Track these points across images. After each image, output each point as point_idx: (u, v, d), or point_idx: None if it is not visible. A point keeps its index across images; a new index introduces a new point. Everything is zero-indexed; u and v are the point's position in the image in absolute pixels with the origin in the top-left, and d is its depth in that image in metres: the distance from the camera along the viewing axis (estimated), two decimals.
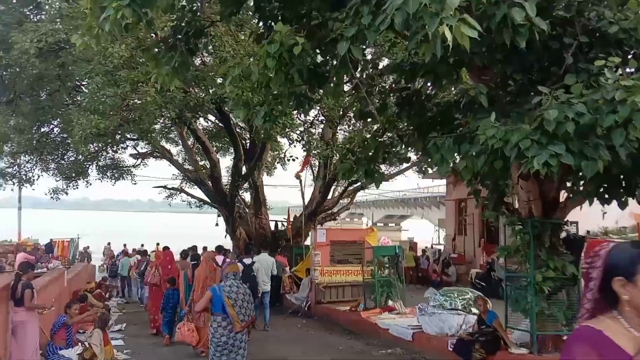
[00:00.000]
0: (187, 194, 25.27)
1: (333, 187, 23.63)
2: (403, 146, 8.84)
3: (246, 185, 25.51)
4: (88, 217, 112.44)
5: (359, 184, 24.44)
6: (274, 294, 17.11)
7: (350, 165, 8.90)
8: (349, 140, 11.10)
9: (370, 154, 8.60)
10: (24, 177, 17.02)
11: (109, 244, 25.70)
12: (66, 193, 20.35)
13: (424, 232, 48.21)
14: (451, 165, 6.35)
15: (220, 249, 13.67)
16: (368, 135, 10.35)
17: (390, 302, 12.03)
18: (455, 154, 6.30)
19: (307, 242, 21.47)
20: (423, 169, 25.12)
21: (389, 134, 8.86)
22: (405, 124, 8.50)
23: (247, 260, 12.18)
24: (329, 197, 23.49)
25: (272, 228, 23.68)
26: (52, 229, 36.01)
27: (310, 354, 9.79)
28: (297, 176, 28.69)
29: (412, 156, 14.82)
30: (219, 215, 26.94)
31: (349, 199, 26.24)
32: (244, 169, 20.48)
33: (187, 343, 9.30)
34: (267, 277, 12.91)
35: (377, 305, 12.04)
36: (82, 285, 14.41)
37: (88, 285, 14.20)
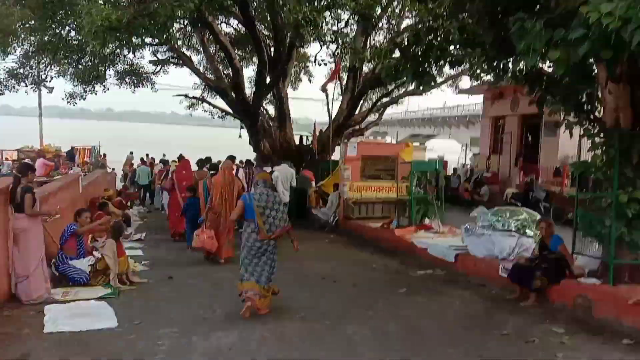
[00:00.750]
0: (209, 104, 24.16)
1: (361, 102, 22.26)
2: (460, 44, 7.42)
3: (270, 97, 24.37)
4: (113, 127, 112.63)
5: (388, 98, 23.12)
6: (300, 208, 16.36)
7: (395, 65, 7.61)
8: (396, 35, 9.62)
9: (421, 51, 7.27)
10: (36, 78, 15.92)
11: (131, 153, 25.05)
12: (83, 98, 19.30)
13: (451, 152, 46.77)
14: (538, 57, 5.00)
15: (232, 158, 12.94)
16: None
17: (426, 221, 11.06)
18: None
19: (333, 157, 20.55)
20: (469, 78, 23.50)
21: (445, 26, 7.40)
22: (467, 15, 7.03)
23: (266, 169, 11.96)
24: (357, 111, 22.14)
25: (297, 143, 22.69)
26: (79, 138, 35.38)
27: (342, 271, 8.95)
28: (324, 89, 27.23)
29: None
30: (242, 127, 25.94)
31: (378, 115, 24.95)
32: (267, 79, 19.13)
33: (207, 249, 9.21)
34: (286, 187, 12.51)
35: (413, 223, 11.08)
36: (100, 193, 13.68)
37: (106, 192, 13.46)
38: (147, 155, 23.38)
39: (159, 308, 6.74)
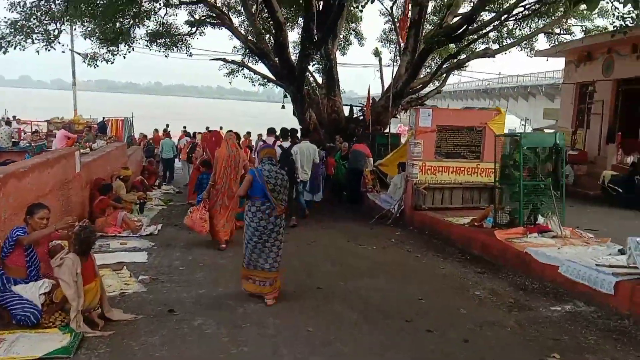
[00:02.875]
0: (250, 69, 21.16)
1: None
2: None
3: (315, 65, 21.27)
4: (158, 102, 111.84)
5: (456, 60, 19.48)
6: (353, 192, 13.27)
7: None
8: None
9: None
10: (45, 34, 13.12)
11: (155, 130, 22.59)
12: (107, 60, 16.57)
13: (508, 128, 42.35)
14: None
15: (273, 131, 11.24)
16: None
17: (540, 219, 7.73)
18: None
19: (390, 130, 17.38)
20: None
21: None
22: None
23: (286, 144, 10.39)
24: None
25: (347, 114, 19.59)
26: (123, 111, 33.07)
27: (430, 304, 5.76)
28: (376, 52, 24.09)
29: None
30: (285, 96, 22.89)
31: (440, 82, 21.41)
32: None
33: (196, 230, 8.23)
34: (308, 166, 10.91)
35: (520, 223, 7.76)
36: (114, 170, 10.92)
37: (124, 172, 10.65)
38: (185, 127, 20.97)
39: None
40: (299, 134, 12.96)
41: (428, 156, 10.53)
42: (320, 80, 21.29)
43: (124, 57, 17.40)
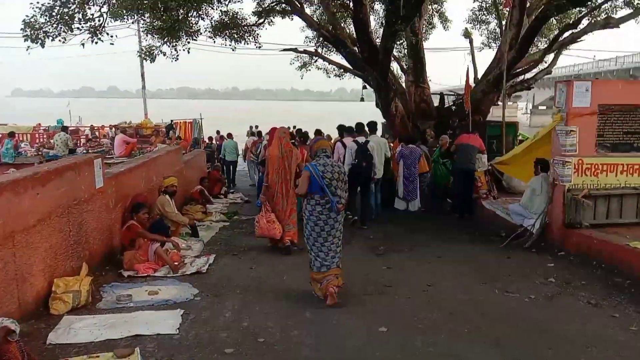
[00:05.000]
0: (324, 58, 18.30)
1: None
2: None
3: (399, 50, 18.18)
4: (235, 107, 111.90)
5: (569, 32, 15.61)
6: (465, 197, 10.08)
7: None
8: None
9: None
10: (87, 23, 10.93)
11: (217, 132, 20.52)
12: (163, 53, 14.25)
13: None
14: None
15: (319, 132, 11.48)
16: None
17: None
18: None
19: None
20: None
21: None
22: None
23: (361, 139, 9.27)
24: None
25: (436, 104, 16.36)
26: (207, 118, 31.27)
27: None
28: (466, 33, 20.60)
29: None
30: (364, 87, 19.83)
31: (551, 60, 17.53)
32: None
33: (270, 237, 7.17)
34: (381, 161, 9.62)
35: None
36: (155, 182, 8.33)
37: (166, 181, 7.99)
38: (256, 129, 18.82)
39: None
40: (366, 129, 10.21)
41: (586, 150, 7.15)
42: (401, 69, 18.27)
43: (188, 52, 15.12)
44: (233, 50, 17.06)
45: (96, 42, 11.64)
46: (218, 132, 21.54)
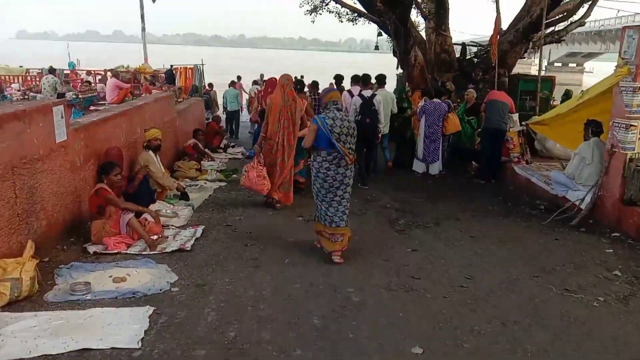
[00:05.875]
0: (337, 0, 16.49)
1: None
2: None
3: None
4: (243, 55, 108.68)
5: None
6: (494, 160, 8.84)
7: None
8: None
9: None
10: None
11: (238, 78, 18.96)
12: None
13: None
14: None
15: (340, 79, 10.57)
16: None
17: None
18: None
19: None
20: None
21: None
22: None
23: (367, 93, 8.39)
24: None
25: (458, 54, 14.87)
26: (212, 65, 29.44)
27: None
28: None
29: None
30: (379, 34, 18.15)
31: (586, 11, 15.78)
32: None
33: (256, 190, 6.57)
34: (387, 113, 8.96)
35: None
36: (139, 134, 7.04)
37: (149, 134, 6.66)
38: (239, 78, 17.53)
39: None
40: (373, 81, 9.28)
41: None
42: (421, 14, 16.61)
43: None
44: None
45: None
46: (239, 77, 19.86)
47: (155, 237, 5.11)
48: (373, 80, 9.28)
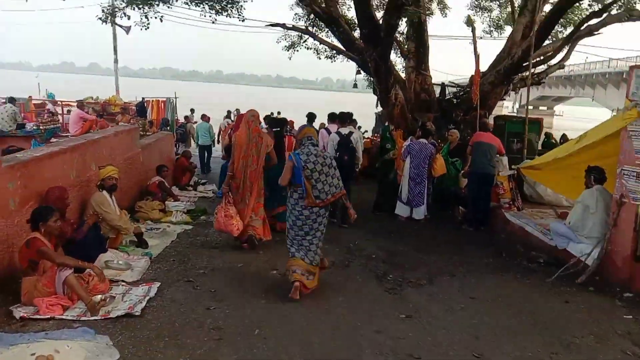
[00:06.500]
0: (315, 37, 16.16)
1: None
2: None
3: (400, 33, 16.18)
4: (220, 90, 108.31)
5: (586, 25, 13.79)
6: (482, 207, 8.22)
7: None
8: None
9: None
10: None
11: (191, 110, 18.37)
12: (127, 17, 12.06)
13: (591, 120, 35.56)
14: None
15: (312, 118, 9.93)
16: None
17: None
18: None
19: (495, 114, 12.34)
20: None
21: None
22: None
23: (344, 130, 8.31)
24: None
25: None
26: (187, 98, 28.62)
27: None
28: (469, 21, 18.73)
29: None
30: (358, 72, 17.75)
31: (564, 54, 15.67)
32: None
33: (227, 232, 6.19)
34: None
35: None
36: (94, 171, 6.15)
37: (103, 172, 5.76)
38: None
39: None
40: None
41: None
42: (400, 53, 16.36)
43: (161, 20, 12.96)
44: (213, 22, 14.91)
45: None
46: (192, 110, 19.42)
47: (99, 297, 4.20)
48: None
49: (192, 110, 19.74)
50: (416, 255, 6.43)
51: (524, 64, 12.98)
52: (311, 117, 10.31)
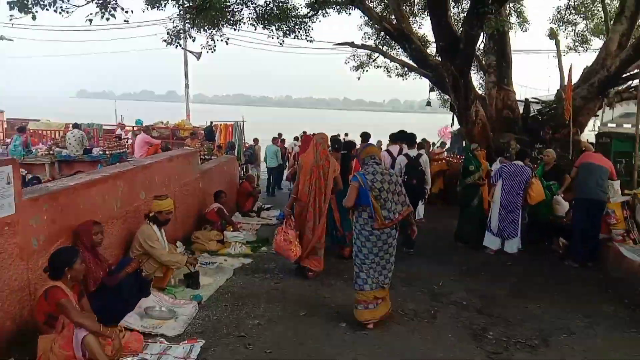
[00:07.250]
0: (385, 54, 15.23)
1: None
2: None
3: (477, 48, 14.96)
4: (289, 114, 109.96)
5: None
6: (592, 238, 6.79)
7: None
8: None
9: None
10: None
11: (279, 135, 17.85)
12: (192, 38, 11.71)
13: None
14: None
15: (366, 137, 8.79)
16: None
17: None
18: None
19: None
20: None
21: None
22: None
23: (412, 152, 7.91)
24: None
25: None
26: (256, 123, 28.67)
27: None
28: (552, 34, 17.23)
29: None
30: (432, 89, 16.61)
31: None
32: None
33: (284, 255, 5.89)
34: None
35: None
36: (144, 200, 5.44)
37: (156, 205, 5.03)
38: (280, 135, 16.36)
39: None
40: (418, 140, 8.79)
41: None
42: (480, 68, 15.06)
43: (226, 43, 12.53)
44: (281, 44, 14.27)
45: (107, 18, 8.86)
46: (256, 140, 18.95)
47: (129, 359, 3.34)
48: (419, 139, 8.26)
49: (256, 140, 19.29)
50: (517, 302, 5.19)
51: (623, 76, 11.42)
52: (365, 136, 9.34)
